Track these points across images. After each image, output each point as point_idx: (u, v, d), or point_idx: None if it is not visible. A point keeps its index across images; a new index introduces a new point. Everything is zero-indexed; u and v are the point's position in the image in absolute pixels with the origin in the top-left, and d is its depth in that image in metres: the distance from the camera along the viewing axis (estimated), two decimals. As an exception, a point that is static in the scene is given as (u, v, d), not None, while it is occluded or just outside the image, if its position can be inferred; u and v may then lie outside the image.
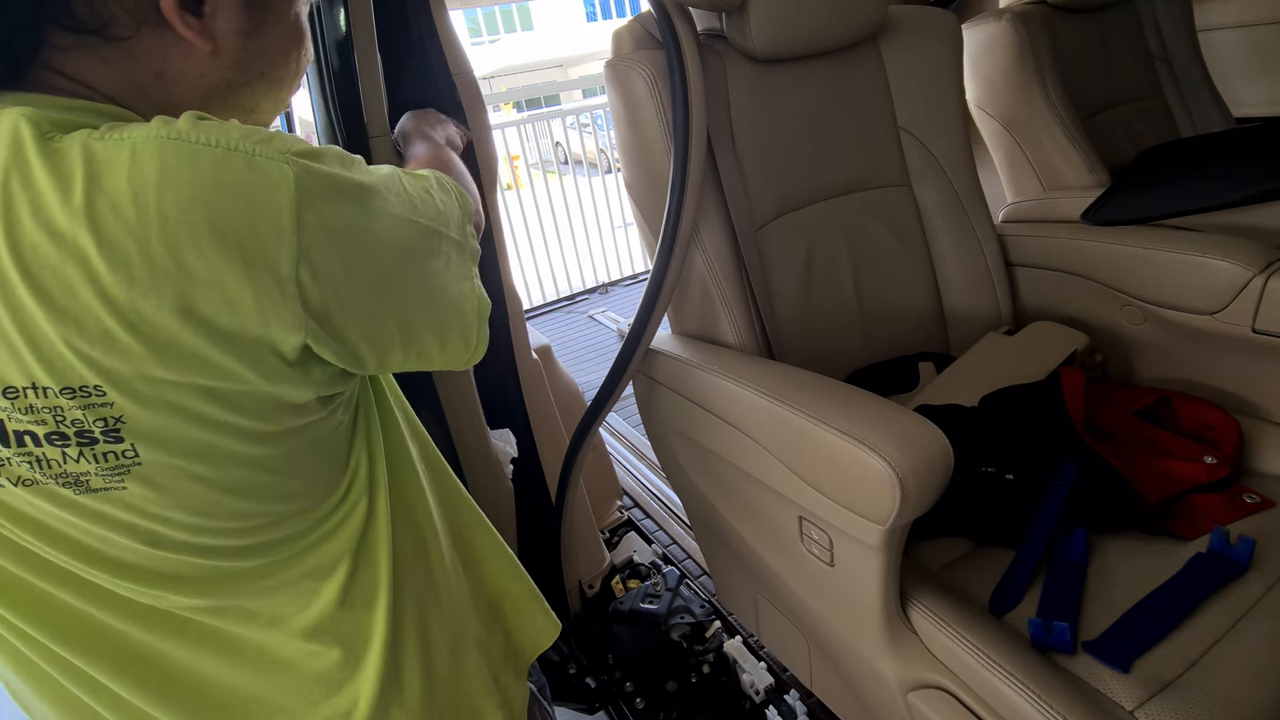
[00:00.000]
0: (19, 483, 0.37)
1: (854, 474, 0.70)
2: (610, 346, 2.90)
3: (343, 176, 0.38)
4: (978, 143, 1.45)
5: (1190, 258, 1.03)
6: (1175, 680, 0.66)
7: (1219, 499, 0.85)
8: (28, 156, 0.32)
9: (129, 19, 0.36)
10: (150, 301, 0.33)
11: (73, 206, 0.32)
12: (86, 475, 0.36)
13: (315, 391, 0.41)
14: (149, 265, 0.32)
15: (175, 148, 0.33)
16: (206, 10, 0.38)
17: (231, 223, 0.33)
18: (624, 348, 1.01)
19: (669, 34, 0.91)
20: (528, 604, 0.67)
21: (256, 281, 0.34)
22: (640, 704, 1.20)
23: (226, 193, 0.33)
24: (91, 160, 0.32)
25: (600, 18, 20.08)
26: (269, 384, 0.37)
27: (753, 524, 0.94)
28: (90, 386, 0.34)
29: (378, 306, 0.40)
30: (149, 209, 0.32)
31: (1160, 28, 1.67)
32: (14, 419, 0.35)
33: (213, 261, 0.33)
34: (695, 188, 0.93)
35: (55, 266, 0.32)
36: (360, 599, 0.49)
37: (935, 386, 1.07)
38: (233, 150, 0.34)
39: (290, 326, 0.36)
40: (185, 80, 0.40)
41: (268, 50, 0.43)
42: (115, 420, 0.35)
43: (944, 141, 1.16)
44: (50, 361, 0.33)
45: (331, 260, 0.37)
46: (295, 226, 0.35)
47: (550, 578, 1.31)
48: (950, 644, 0.72)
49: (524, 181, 4.35)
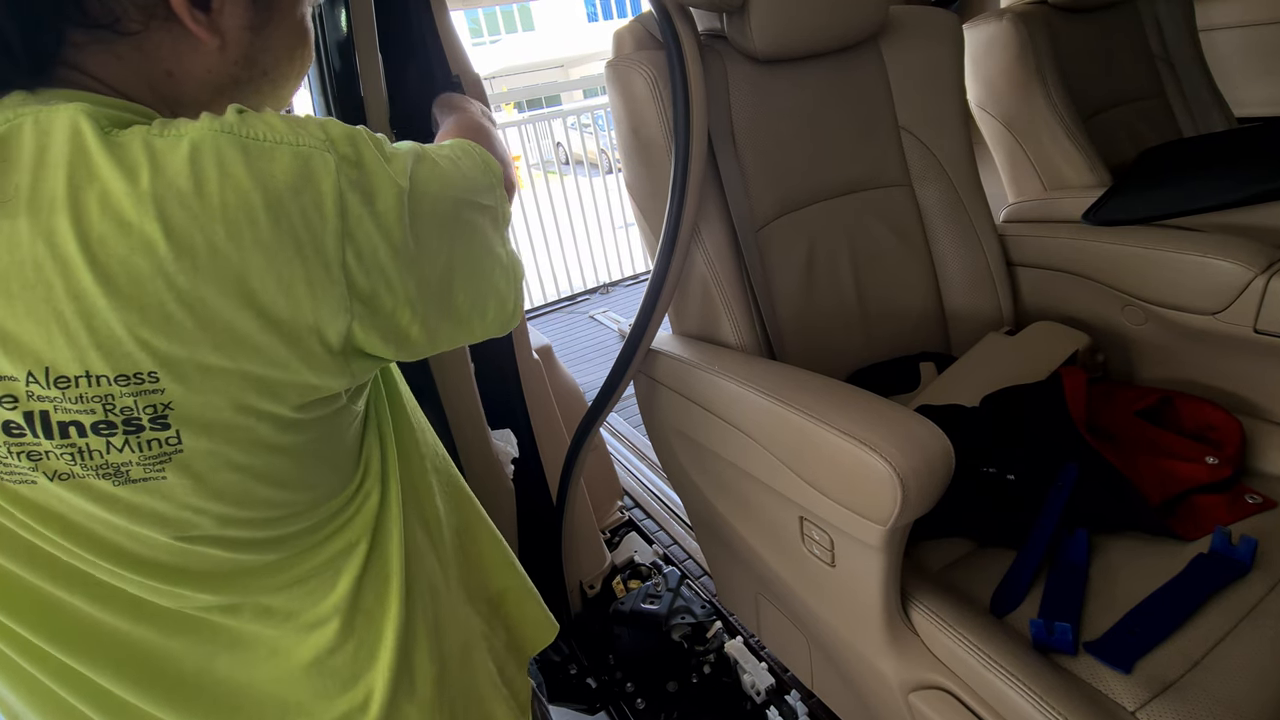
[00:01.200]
0: (55, 477, 0.37)
1: (855, 474, 0.70)
2: (611, 347, 2.90)
3: (378, 159, 0.39)
4: (979, 143, 1.46)
5: (1192, 258, 1.03)
6: (1177, 681, 0.66)
7: (1221, 499, 0.85)
8: (91, 150, 0.33)
9: (139, 13, 0.37)
10: (212, 288, 0.34)
11: (140, 198, 0.33)
12: (127, 465, 0.37)
13: (352, 382, 0.42)
14: (212, 253, 0.34)
15: (228, 141, 0.35)
16: (214, 6, 0.39)
17: (284, 210, 0.35)
18: (625, 348, 1.01)
19: (670, 34, 0.91)
20: (527, 601, 0.68)
21: (308, 267, 0.36)
22: (641, 704, 1.20)
23: (278, 183, 0.35)
24: (154, 154, 0.34)
25: (601, 18, 20.08)
26: (312, 373, 0.39)
27: (754, 524, 0.94)
28: (145, 373, 0.35)
29: (424, 284, 0.41)
30: (212, 200, 0.34)
31: (1161, 27, 1.67)
32: (61, 409, 0.35)
33: (270, 249, 0.35)
34: (696, 188, 0.93)
35: (123, 256, 0.33)
36: (372, 591, 0.50)
37: (936, 387, 1.07)
38: (279, 143, 0.36)
39: (336, 310, 0.38)
40: (193, 76, 0.41)
41: (273, 47, 0.44)
42: (164, 407, 0.36)
43: (945, 141, 1.16)
44: (109, 349, 0.34)
45: (376, 243, 0.38)
46: (339, 212, 0.37)
47: (551, 578, 1.31)
48: (951, 645, 0.72)
49: (525, 182, 4.35)
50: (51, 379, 0.34)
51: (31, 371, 0.34)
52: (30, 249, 0.33)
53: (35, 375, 0.34)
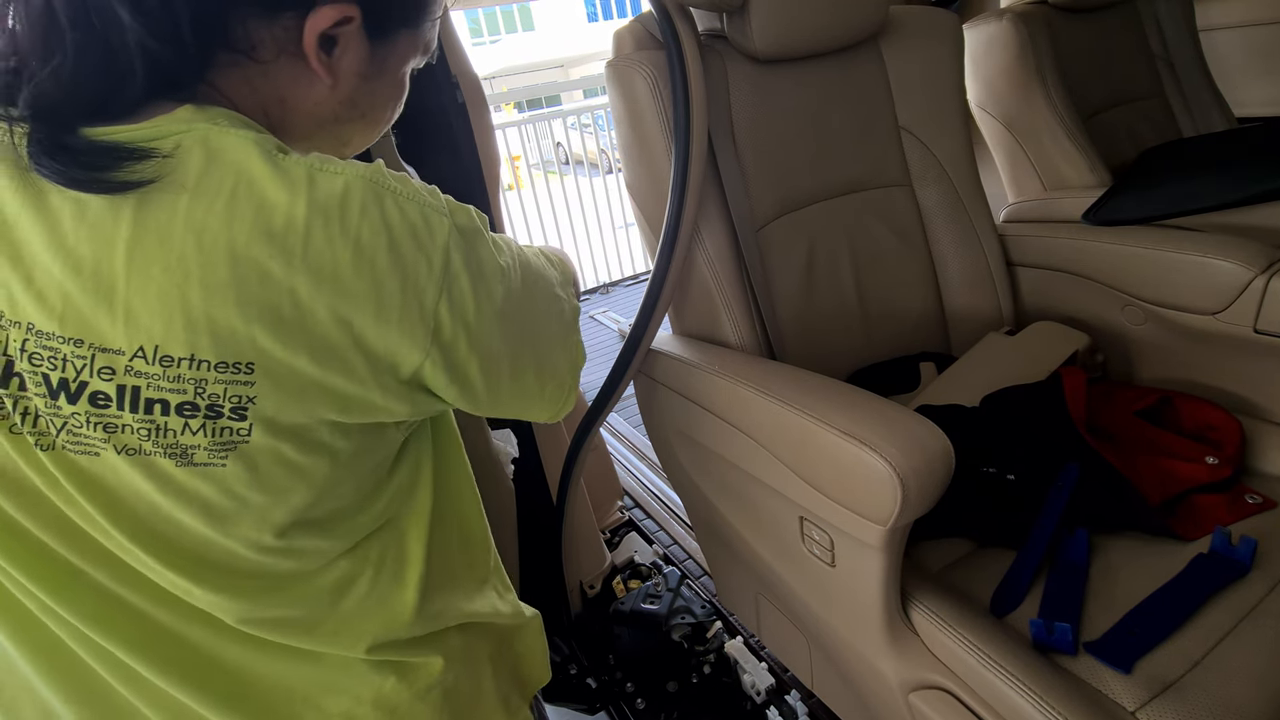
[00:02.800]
0: (123, 451, 0.40)
1: (855, 474, 0.70)
2: (611, 347, 2.89)
3: (482, 233, 0.46)
4: (979, 143, 1.46)
5: (1192, 258, 1.03)
6: (1177, 681, 0.66)
7: (1221, 499, 0.85)
8: (257, 167, 0.38)
9: (274, 45, 0.42)
10: (324, 303, 0.39)
11: (291, 215, 0.38)
12: (195, 448, 0.40)
13: (413, 412, 0.46)
14: (335, 274, 0.39)
15: (375, 187, 0.41)
16: (337, 51, 0.44)
17: (402, 253, 0.41)
18: (625, 348, 1.01)
19: (670, 34, 0.91)
20: (538, 637, 0.70)
21: (405, 305, 0.41)
22: (641, 704, 1.20)
23: (404, 231, 0.41)
24: (314, 182, 0.39)
25: (601, 18, 20.08)
26: (381, 395, 0.43)
27: (754, 524, 0.94)
28: (244, 364, 0.39)
29: (498, 346, 0.47)
30: (350, 230, 0.39)
31: (1161, 27, 1.67)
32: (154, 386, 0.38)
33: (380, 282, 0.40)
34: (696, 188, 0.93)
35: (261, 261, 0.38)
36: (389, 579, 0.53)
37: (936, 386, 1.07)
38: (411, 199, 0.42)
39: (415, 347, 0.42)
40: (303, 108, 0.45)
41: (375, 95, 0.49)
42: (248, 399, 0.39)
43: (945, 141, 1.16)
44: (221, 338, 0.38)
45: (467, 300, 0.44)
46: (444, 266, 0.42)
47: (551, 578, 1.31)
48: (951, 645, 0.72)
49: (525, 182, 4.35)
50: (157, 357, 0.38)
51: (142, 347, 0.38)
52: (180, 241, 0.37)
53: (144, 351, 0.38)
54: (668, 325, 1.08)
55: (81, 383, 0.38)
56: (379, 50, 0.46)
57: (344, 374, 0.41)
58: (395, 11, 0.46)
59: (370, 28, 0.44)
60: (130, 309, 0.37)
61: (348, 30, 0.43)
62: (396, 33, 0.47)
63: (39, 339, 0.38)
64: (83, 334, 0.38)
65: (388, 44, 0.47)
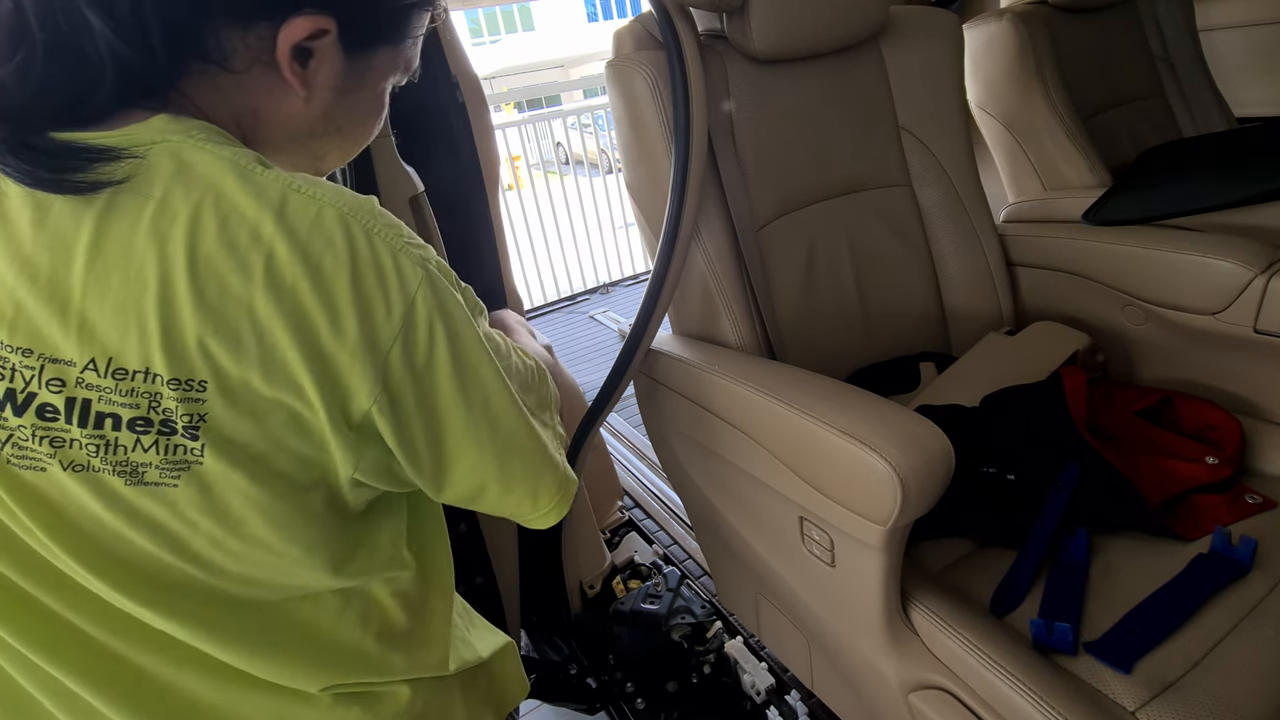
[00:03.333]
0: (70, 467, 0.38)
1: (855, 474, 0.70)
2: (611, 347, 2.90)
3: (454, 297, 0.44)
4: (979, 143, 1.46)
5: (1192, 258, 1.03)
6: (1177, 681, 0.66)
7: (1221, 499, 0.85)
8: (229, 180, 0.38)
9: (247, 55, 0.41)
10: (281, 324, 0.38)
11: (259, 234, 0.37)
12: (146, 466, 0.39)
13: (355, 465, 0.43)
14: (295, 296, 0.38)
15: (347, 219, 0.40)
16: (312, 64, 0.43)
17: (363, 289, 0.39)
18: (625, 348, 1.01)
19: (670, 34, 0.91)
20: (513, 658, 0.68)
21: (361, 341, 0.40)
22: (641, 704, 1.20)
23: (369, 267, 0.40)
24: (286, 202, 0.38)
25: (601, 18, 20.08)
26: (333, 435, 0.41)
27: (754, 524, 0.94)
28: (197, 381, 0.38)
29: (447, 414, 0.44)
30: (313, 257, 0.38)
31: (1161, 28, 1.67)
32: (106, 400, 0.37)
33: (339, 314, 0.39)
34: (696, 188, 0.93)
35: (222, 275, 0.37)
36: (353, 626, 0.50)
37: (936, 387, 1.07)
38: (386, 241, 0.41)
39: (365, 388, 0.41)
40: (275, 120, 0.44)
41: (351, 110, 0.48)
42: (200, 417, 0.38)
43: (945, 142, 1.16)
44: (176, 352, 0.37)
45: (420, 352, 0.42)
46: (405, 313, 0.41)
47: (551, 578, 1.31)
48: (951, 645, 0.72)
49: (525, 182, 4.35)
50: (110, 370, 0.37)
51: (94, 359, 0.37)
52: (142, 251, 0.36)
53: (96, 363, 0.37)
54: (668, 325, 1.08)
55: (30, 394, 0.37)
56: (356, 65, 0.45)
57: (298, 398, 0.39)
58: (373, 27, 0.45)
59: (347, 42, 0.43)
60: (84, 319, 0.36)
61: (323, 43, 0.42)
62: (375, 48, 0.46)
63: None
64: (32, 344, 0.37)
65: (365, 59, 0.46)
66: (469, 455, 0.47)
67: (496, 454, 0.48)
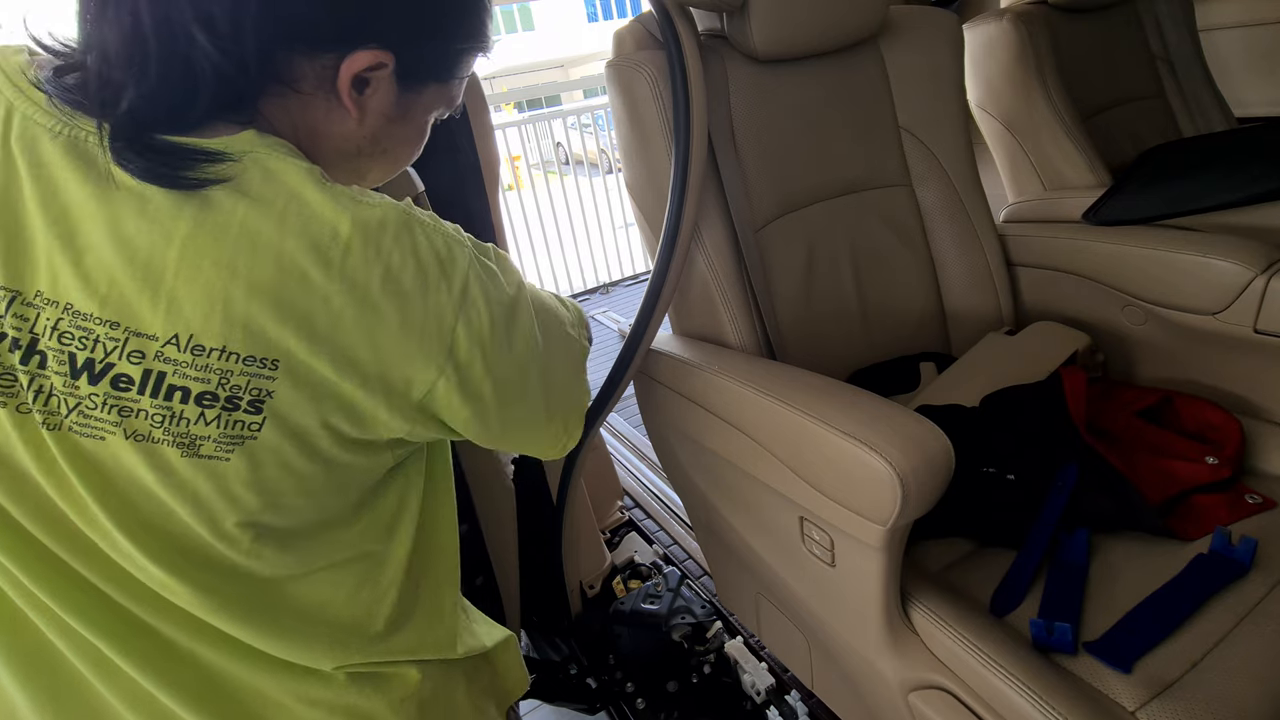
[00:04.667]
0: (132, 435, 0.41)
1: (855, 474, 0.70)
2: (611, 347, 2.89)
3: (501, 270, 0.51)
4: (979, 143, 1.45)
5: (1192, 258, 1.03)
6: (1177, 681, 0.66)
7: (1221, 499, 0.85)
8: (309, 187, 0.42)
9: (313, 79, 0.45)
10: (352, 313, 0.43)
11: (336, 232, 0.42)
12: (205, 439, 0.42)
13: (410, 433, 0.49)
14: (366, 290, 0.43)
15: (407, 220, 0.45)
16: (368, 91, 0.47)
17: (427, 277, 0.45)
18: (625, 348, 1.01)
19: (670, 34, 0.91)
20: (515, 652, 0.72)
21: (426, 323, 0.45)
22: (641, 704, 1.20)
23: (429, 258, 0.45)
24: (358, 207, 0.43)
25: (601, 18, 20.07)
26: (388, 410, 0.46)
27: (754, 524, 0.94)
28: (270, 360, 0.42)
29: (512, 371, 0.51)
30: (383, 254, 0.43)
31: (1161, 27, 1.67)
32: (180, 374, 0.41)
33: (406, 301, 0.44)
34: (696, 188, 0.93)
35: (303, 268, 0.41)
36: (363, 606, 0.54)
37: (936, 387, 1.07)
38: (438, 232, 0.46)
39: (430, 364, 0.46)
40: (330, 139, 0.48)
41: (397, 136, 0.52)
42: (266, 394, 0.42)
43: (945, 142, 1.16)
44: (254, 333, 0.41)
45: (484, 324, 0.47)
46: (463, 291, 0.46)
47: (551, 578, 1.31)
48: (951, 644, 0.72)
49: (525, 182, 4.34)
50: (190, 345, 0.41)
51: (177, 335, 0.40)
52: (235, 241, 0.40)
53: (179, 339, 0.41)
54: (668, 325, 1.08)
55: (108, 364, 0.41)
56: (406, 97, 0.50)
57: (359, 383, 0.44)
58: (426, 65, 0.50)
59: (401, 76, 0.48)
60: (174, 298, 0.40)
61: (380, 75, 0.46)
62: (425, 84, 0.51)
63: (74, 318, 0.40)
64: (121, 317, 0.40)
65: (415, 92, 0.50)
66: (534, 408, 0.55)
67: (547, 387, 0.55)
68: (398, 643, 0.55)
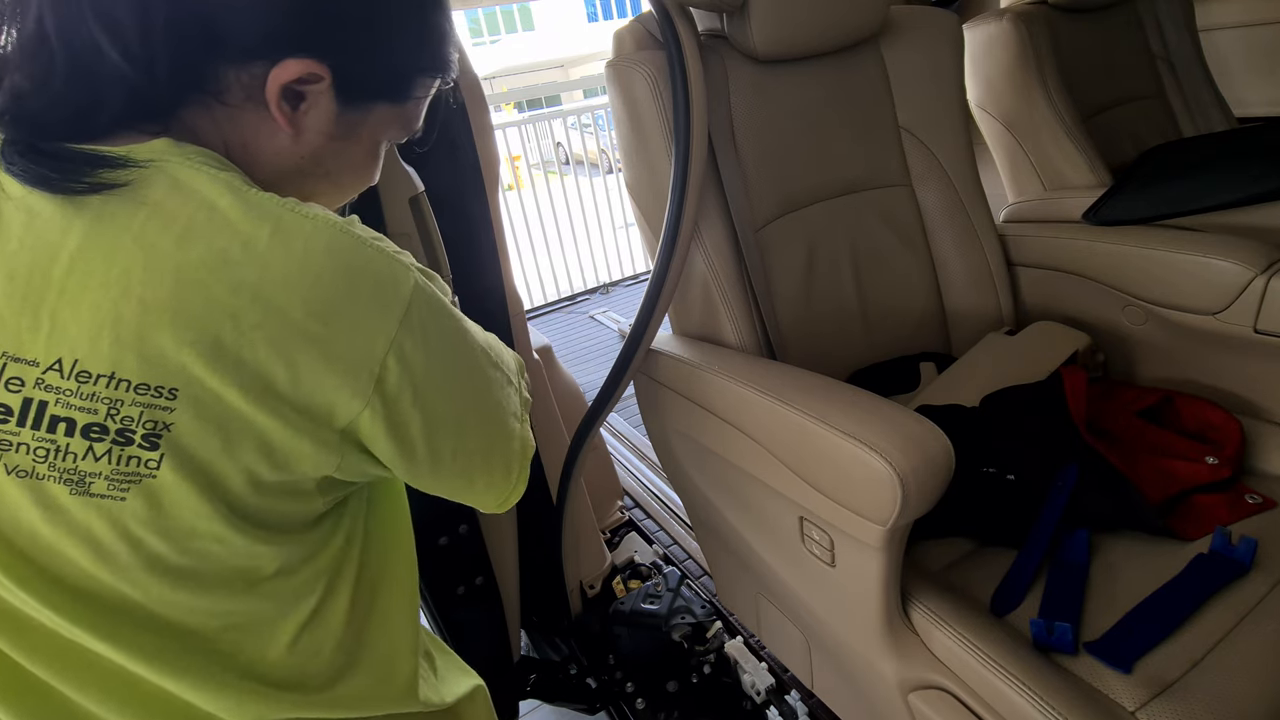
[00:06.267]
0: (13, 472, 0.38)
1: (855, 474, 0.70)
2: (611, 347, 2.90)
3: (441, 297, 0.46)
4: (979, 143, 1.45)
5: (1192, 258, 1.03)
6: (1177, 681, 0.66)
7: (1221, 499, 0.85)
8: (224, 196, 0.38)
9: (241, 90, 0.42)
10: (265, 337, 0.38)
11: (253, 247, 0.38)
12: (95, 476, 0.38)
13: (338, 466, 0.44)
14: (284, 312, 0.38)
15: (341, 235, 0.41)
16: (304, 106, 0.43)
17: (359, 298, 0.40)
18: (625, 348, 1.01)
19: (670, 34, 0.91)
20: (485, 710, 0.66)
21: (354, 349, 0.40)
22: (641, 704, 1.20)
23: (365, 277, 0.41)
24: (282, 219, 0.39)
25: (601, 18, 20.08)
26: (310, 443, 0.41)
27: (753, 524, 0.94)
28: (166, 389, 0.37)
29: (444, 410, 0.46)
30: (311, 269, 0.39)
31: (1162, 27, 1.67)
32: (64, 403, 0.37)
33: (333, 323, 0.39)
34: (696, 188, 0.93)
35: (208, 284, 0.37)
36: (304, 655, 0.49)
37: (936, 386, 1.07)
38: (379, 252, 0.42)
39: (356, 395, 0.41)
40: (264, 155, 0.45)
41: (342, 158, 0.48)
42: (163, 426, 0.38)
43: (945, 142, 1.16)
44: (148, 358, 0.37)
45: (418, 355, 0.43)
46: (401, 319, 0.42)
47: (551, 578, 1.31)
48: (951, 644, 0.72)
49: (525, 182, 4.35)
50: (74, 372, 0.37)
51: (60, 359, 0.37)
52: (127, 256, 0.37)
53: (62, 364, 0.37)
54: (668, 325, 1.08)
55: None
56: (350, 115, 0.46)
57: (275, 416, 0.39)
58: (373, 83, 0.46)
59: (342, 92, 0.44)
60: (56, 319, 0.36)
61: (316, 88, 0.43)
62: (372, 103, 0.47)
63: None
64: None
65: (360, 111, 0.46)
66: (468, 453, 0.49)
67: (483, 430, 0.50)
68: (343, 693, 0.50)
